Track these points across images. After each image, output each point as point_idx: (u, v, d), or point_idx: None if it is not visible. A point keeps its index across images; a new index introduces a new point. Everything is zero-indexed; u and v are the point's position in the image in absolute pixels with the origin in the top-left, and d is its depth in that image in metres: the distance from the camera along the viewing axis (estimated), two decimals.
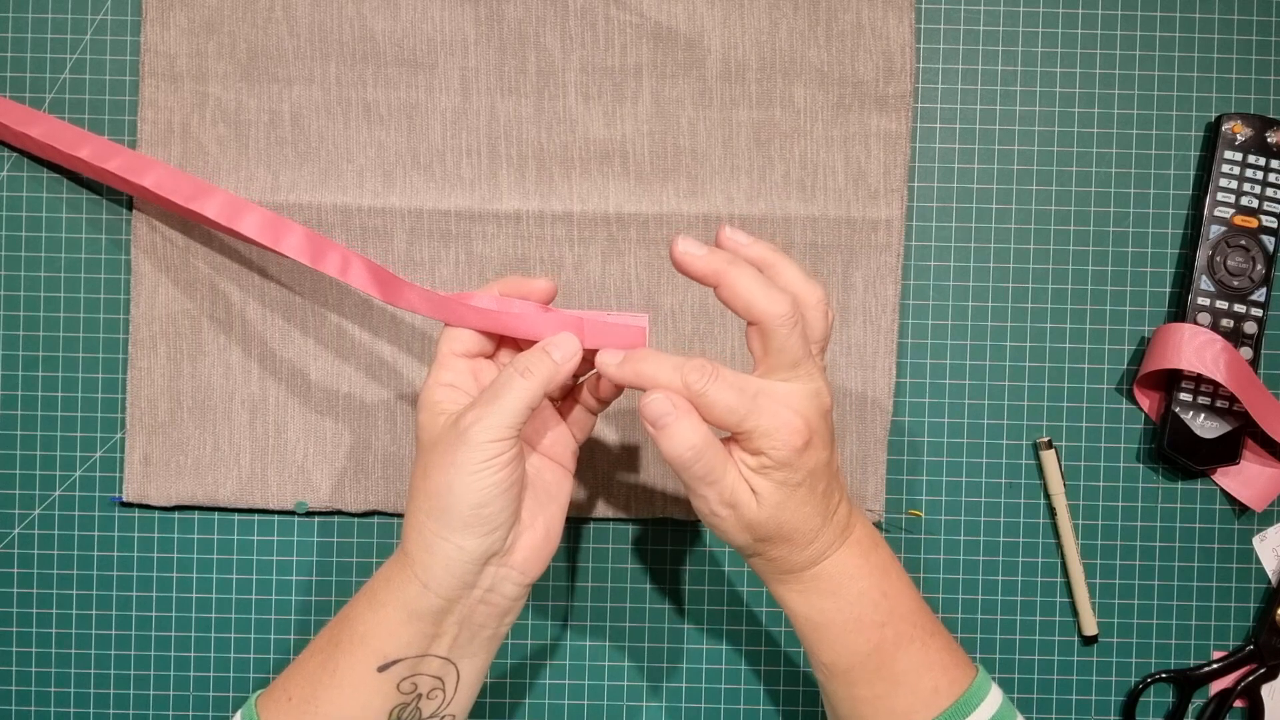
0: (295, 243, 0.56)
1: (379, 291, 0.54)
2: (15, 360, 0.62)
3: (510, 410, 0.47)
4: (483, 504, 0.47)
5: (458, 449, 0.47)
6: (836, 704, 0.52)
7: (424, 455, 0.49)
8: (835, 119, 0.62)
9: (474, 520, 0.47)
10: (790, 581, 0.50)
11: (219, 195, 0.57)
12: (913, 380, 0.63)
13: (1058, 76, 0.63)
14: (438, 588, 0.48)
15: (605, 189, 0.62)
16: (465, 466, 0.46)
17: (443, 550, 0.47)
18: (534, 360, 0.48)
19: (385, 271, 0.55)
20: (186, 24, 0.61)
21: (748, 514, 0.47)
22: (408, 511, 0.49)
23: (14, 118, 0.60)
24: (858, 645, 0.49)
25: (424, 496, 0.48)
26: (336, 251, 0.55)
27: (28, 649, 0.63)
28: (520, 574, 0.49)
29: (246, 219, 0.57)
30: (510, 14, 0.61)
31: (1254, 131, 0.62)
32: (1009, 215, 0.63)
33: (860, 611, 0.49)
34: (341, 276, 0.55)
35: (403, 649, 0.48)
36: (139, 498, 0.62)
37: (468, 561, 0.47)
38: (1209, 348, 0.60)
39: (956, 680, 0.50)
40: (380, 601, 0.49)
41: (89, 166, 0.59)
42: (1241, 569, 0.64)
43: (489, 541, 0.48)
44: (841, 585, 0.49)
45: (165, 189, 0.58)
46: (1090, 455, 0.63)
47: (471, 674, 0.50)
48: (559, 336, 0.49)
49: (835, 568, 0.49)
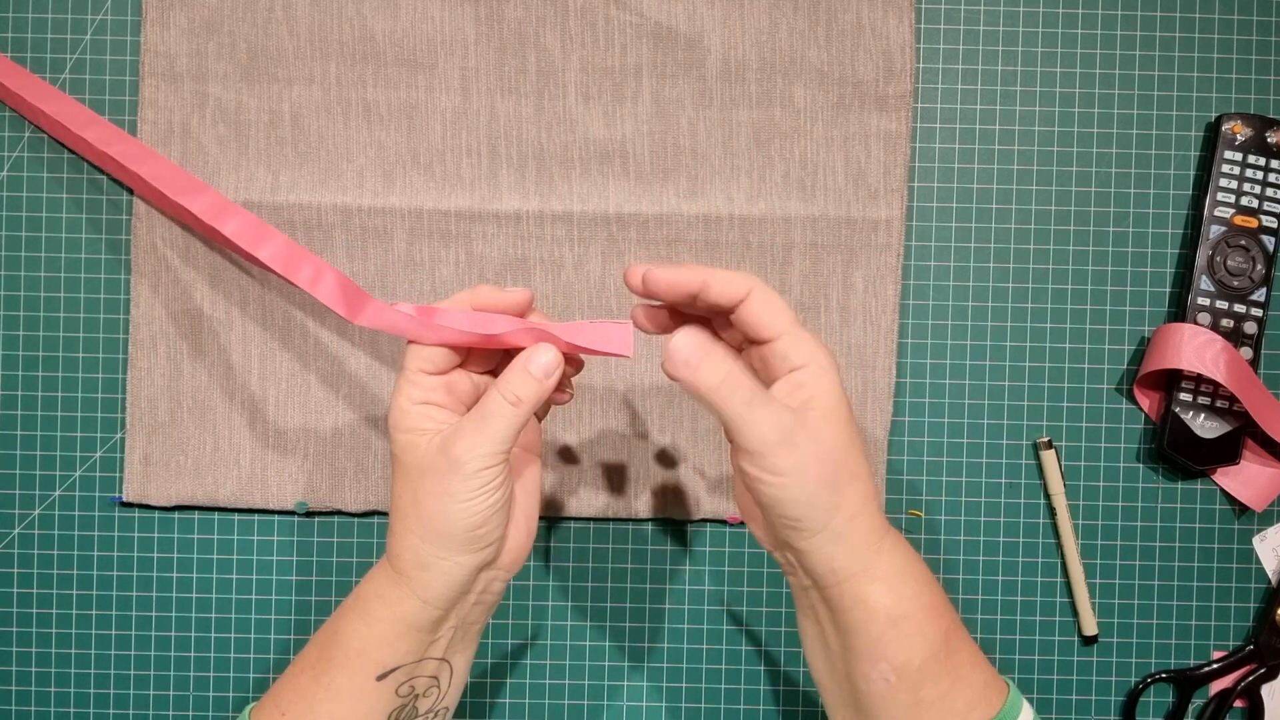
0: (272, 251, 0.55)
1: (345, 309, 0.52)
2: (15, 360, 0.62)
3: (501, 437, 0.47)
4: (479, 525, 0.47)
5: (450, 478, 0.47)
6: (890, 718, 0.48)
7: (411, 481, 0.48)
8: (835, 119, 0.62)
9: (471, 540, 0.48)
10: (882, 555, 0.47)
11: (207, 194, 0.57)
12: (913, 380, 0.63)
13: (1058, 76, 0.63)
14: (438, 601, 0.48)
15: (605, 189, 0.62)
16: (460, 495, 0.47)
17: (441, 568, 0.48)
18: (520, 385, 0.47)
19: (356, 289, 0.53)
20: (186, 24, 0.61)
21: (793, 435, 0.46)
22: (397, 532, 0.48)
23: (32, 93, 0.60)
24: (934, 635, 0.47)
25: (416, 522, 0.48)
26: (310, 264, 0.54)
27: (28, 649, 0.63)
28: (507, 572, 0.51)
29: (228, 221, 0.56)
30: (510, 14, 0.61)
31: (1254, 131, 0.62)
32: (1009, 215, 0.63)
33: (933, 597, 0.48)
34: (310, 289, 0.53)
35: (401, 657, 0.49)
36: (139, 498, 0.62)
37: (465, 574, 0.48)
38: (1209, 348, 0.60)
39: (997, 676, 0.49)
40: (376, 617, 0.49)
41: (91, 149, 0.60)
42: (1241, 569, 0.64)
43: (485, 555, 0.48)
44: (914, 563, 0.48)
45: (159, 179, 0.58)
46: (1090, 455, 0.63)
47: (462, 667, 0.52)
48: (537, 351, 0.48)
49: (902, 543, 0.48)
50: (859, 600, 0.47)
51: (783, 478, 0.45)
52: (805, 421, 0.46)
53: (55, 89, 0.61)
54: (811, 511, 0.46)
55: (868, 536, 0.47)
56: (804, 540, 0.47)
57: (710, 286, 0.47)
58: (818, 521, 0.46)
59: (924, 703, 0.47)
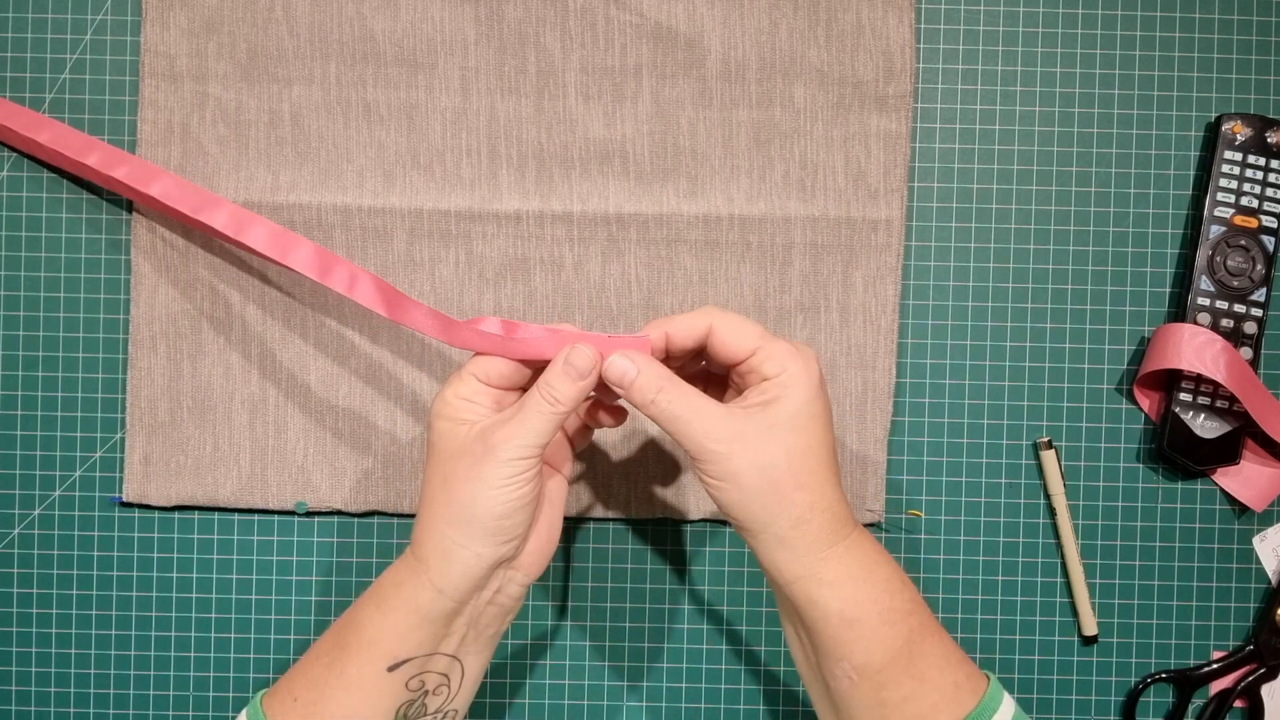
0: (303, 257, 0.56)
1: (385, 309, 0.54)
2: (15, 360, 0.62)
3: (539, 431, 0.49)
4: (506, 515, 0.48)
5: (485, 463, 0.48)
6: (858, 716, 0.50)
7: (444, 463, 0.49)
8: (835, 119, 0.62)
9: (495, 530, 0.49)
10: (829, 562, 0.48)
11: (226, 207, 0.57)
12: (913, 380, 0.63)
13: (1058, 76, 0.63)
14: (453, 592, 0.49)
15: (605, 189, 0.62)
16: (492, 481, 0.48)
17: (461, 557, 0.49)
18: (559, 385, 0.49)
19: (393, 289, 0.55)
20: (186, 24, 0.61)
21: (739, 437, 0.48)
22: (424, 518, 0.50)
23: (22, 123, 0.60)
24: (892, 638, 0.49)
25: (444, 505, 0.49)
26: (344, 267, 0.56)
27: (28, 649, 0.63)
28: (525, 575, 0.52)
29: (254, 231, 0.57)
30: (510, 14, 0.61)
31: (1254, 131, 0.62)
32: (1009, 215, 0.63)
33: (892, 599, 0.49)
34: (348, 293, 0.55)
35: (412, 649, 0.50)
36: (139, 498, 0.62)
37: (484, 567, 0.49)
38: (1209, 348, 0.60)
39: (973, 676, 0.50)
40: (390, 606, 0.50)
41: (96, 174, 0.59)
42: (1241, 569, 0.64)
43: (506, 549, 0.49)
44: (871, 569, 0.49)
45: (172, 198, 0.58)
46: (1090, 455, 0.63)
47: (474, 670, 0.52)
48: (577, 350, 0.50)
49: (860, 548, 0.49)
50: (811, 602, 0.49)
51: (721, 483, 0.48)
52: (746, 433, 0.48)
53: (46, 117, 0.61)
54: (749, 516, 0.48)
55: (814, 544, 0.48)
56: (749, 540, 0.50)
57: (673, 337, 0.50)
58: (757, 524, 0.48)
59: (888, 703, 0.49)
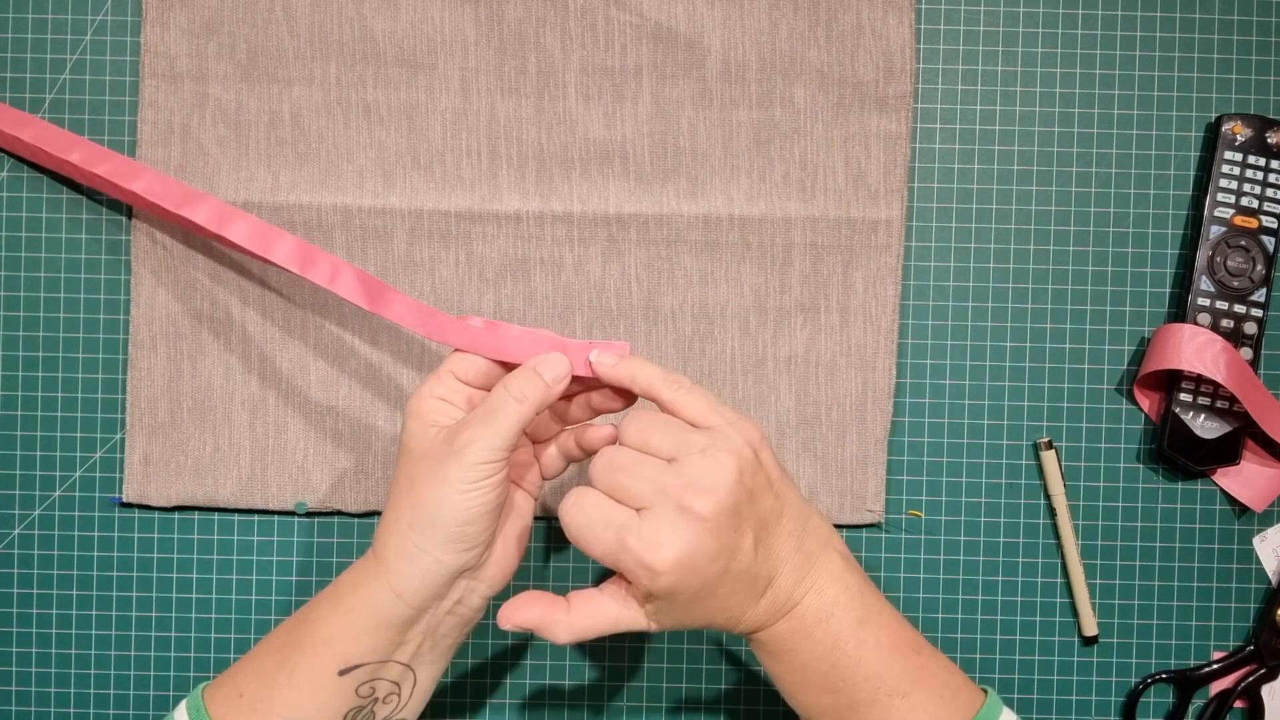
0: (285, 250, 0.56)
1: (366, 301, 0.54)
2: (15, 360, 0.62)
3: (504, 433, 0.48)
4: (469, 521, 0.48)
5: (450, 465, 0.47)
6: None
7: (411, 464, 0.49)
8: (835, 119, 0.62)
9: (458, 536, 0.48)
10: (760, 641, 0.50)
11: (209, 202, 0.57)
12: (913, 380, 0.63)
13: (1058, 77, 0.63)
14: (411, 598, 0.48)
15: (605, 189, 0.62)
16: (456, 484, 0.47)
17: (422, 562, 0.48)
18: (526, 384, 0.49)
19: (375, 281, 0.55)
20: (186, 24, 0.61)
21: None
22: (388, 518, 0.49)
23: (5, 121, 0.60)
24: (810, 705, 0.50)
25: (409, 508, 0.48)
26: (326, 260, 0.55)
27: (28, 649, 0.63)
28: (488, 587, 0.51)
29: (236, 226, 0.56)
30: (510, 14, 0.61)
31: (1254, 132, 0.62)
32: (1009, 215, 0.63)
33: (805, 677, 0.50)
34: (329, 285, 0.55)
35: (366, 654, 0.49)
36: (139, 498, 0.62)
37: (444, 575, 0.48)
38: (1209, 348, 0.60)
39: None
40: (347, 607, 0.49)
41: (79, 171, 0.59)
42: (1241, 569, 0.63)
43: (468, 557, 0.49)
44: (780, 656, 0.50)
45: (154, 194, 0.58)
46: (1090, 455, 0.63)
47: (427, 680, 0.51)
48: (549, 357, 0.50)
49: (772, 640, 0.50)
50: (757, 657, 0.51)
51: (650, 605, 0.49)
52: None
53: (29, 114, 0.61)
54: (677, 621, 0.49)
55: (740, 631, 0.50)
56: None
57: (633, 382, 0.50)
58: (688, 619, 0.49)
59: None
